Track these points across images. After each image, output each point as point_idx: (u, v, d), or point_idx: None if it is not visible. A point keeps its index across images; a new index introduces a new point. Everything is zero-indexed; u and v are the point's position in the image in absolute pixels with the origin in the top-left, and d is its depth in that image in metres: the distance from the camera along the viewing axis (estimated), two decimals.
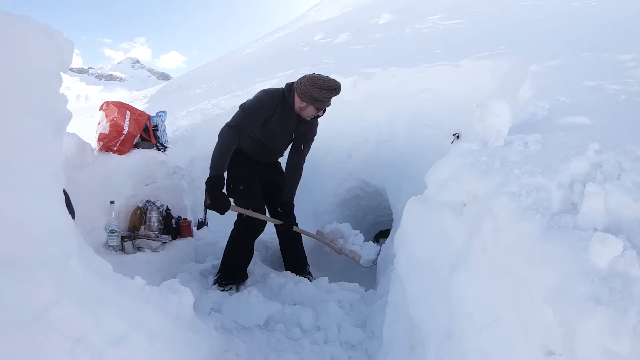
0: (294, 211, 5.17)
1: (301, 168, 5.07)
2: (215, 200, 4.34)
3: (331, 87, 4.38)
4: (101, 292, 2.36)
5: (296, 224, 5.21)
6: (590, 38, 5.92)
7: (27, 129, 2.04)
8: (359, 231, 5.97)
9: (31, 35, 2.18)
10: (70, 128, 2.94)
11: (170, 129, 6.74)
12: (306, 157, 5.08)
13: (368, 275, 5.94)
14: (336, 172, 6.94)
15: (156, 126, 5.66)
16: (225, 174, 4.50)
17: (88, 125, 16.39)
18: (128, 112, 5.17)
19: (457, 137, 5.06)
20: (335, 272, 6.35)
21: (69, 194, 3.21)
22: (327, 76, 4.46)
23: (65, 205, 2.25)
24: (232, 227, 4.87)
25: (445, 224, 2.50)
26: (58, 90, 2.30)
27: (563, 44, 5.72)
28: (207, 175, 4.33)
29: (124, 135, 5.02)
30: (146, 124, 5.44)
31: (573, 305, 1.59)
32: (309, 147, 5.06)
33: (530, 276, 1.81)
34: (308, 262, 5.49)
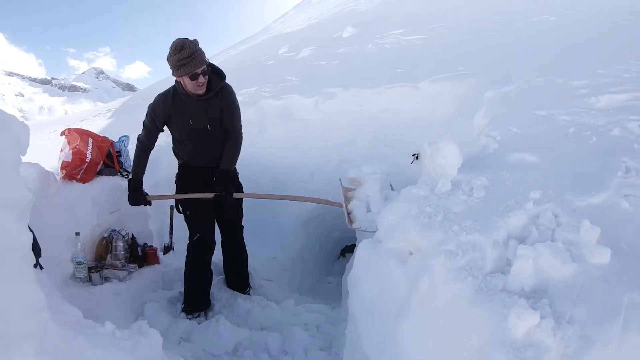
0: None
1: (235, 138, 4.85)
2: (131, 199, 4.85)
3: (177, 49, 4.30)
4: (75, 347, 2.50)
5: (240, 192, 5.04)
6: (546, 57, 6.06)
7: None
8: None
9: None
10: (34, 141, 2.98)
11: (134, 152, 6.73)
12: (240, 129, 4.90)
13: (335, 291, 6.04)
14: (299, 192, 6.96)
15: (119, 152, 5.58)
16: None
17: (51, 140, 16.25)
18: (90, 140, 5.09)
19: (417, 157, 5.19)
20: (301, 286, 6.45)
21: (33, 230, 3.23)
22: (175, 40, 4.38)
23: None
24: None
25: (391, 272, 2.65)
26: (18, 177, 2.38)
27: (520, 65, 5.86)
28: (149, 205, 5.08)
29: (87, 164, 4.96)
30: (109, 150, 5.35)
31: None
32: (236, 119, 4.85)
33: (460, 336, 1.97)
34: (250, 283, 5.54)
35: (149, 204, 5.00)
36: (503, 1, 11.90)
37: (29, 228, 2.59)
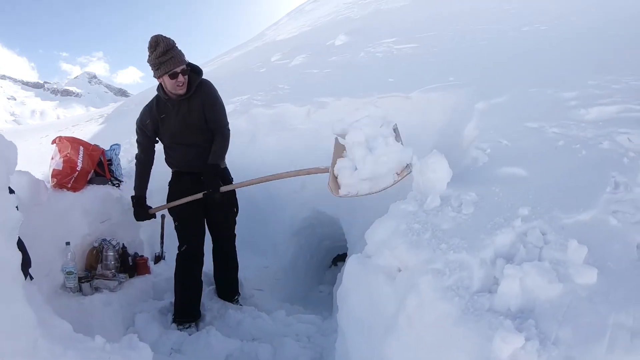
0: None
1: (222, 134, 4.83)
2: (136, 215, 5.10)
3: (153, 45, 4.39)
4: None
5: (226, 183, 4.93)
6: (537, 67, 6.09)
7: None
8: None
9: None
10: (25, 146, 3.00)
11: (125, 160, 6.68)
12: (226, 125, 4.89)
13: (326, 300, 6.04)
14: (291, 202, 7.02)
15: (110, 160, 5.61)
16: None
17: (43, 145, 16.22)
18: (81, 148, 5.09)
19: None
20: (293, 295, 6.45)
21: (23, 240, 3.23)
22: (150, 38, 4.46)
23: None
24: None
25: (380, 288, 2.66)
26: (7, 197, 2.39)
27: (510, 75, 5.89)
28: (154, 218, 5.33)
29: (77, 172, 4.94)
30: (100, 159, 5.36)
31: None
32: (218, 112, 4.82)
33: (447, 355, 2.00)
34: (240, 291, 5.53)
35: (154, 216, 5.19)
36: (495, 10, 11.96)
37: (19, 237, 2.62)
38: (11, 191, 2.76)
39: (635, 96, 4.25)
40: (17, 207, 2.52)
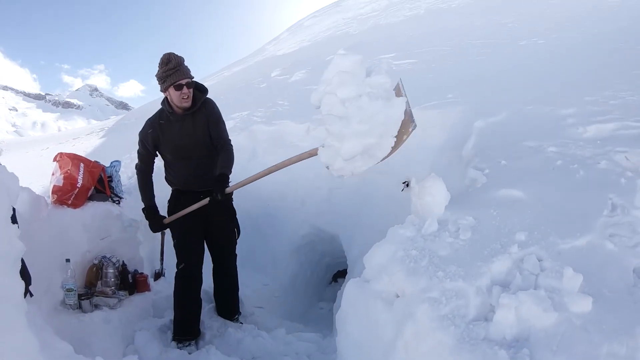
0: None
1: (225, 148, 4.84)
2: (152, 227, 5.10)
3: (164, 61, 4.58)
4: None
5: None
6: (534, 83, 6.12)
7: None
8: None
9: None
10: (26, 158, 3.04)
11: (125, 176, 6.70)
12: (229, 141, 4.93)
13: (327, 316, 6.03)
14: (290, 219, 7.03)
15: (110, 177, 5.61)
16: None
17: (43, 157, 16.29)
18: (82, 165, 5.11)
19: (407, 185, 5.22)
20: (293, 312, 6.44)
21: (23, 256, 3.25)
22: (163, 55, 4.65)
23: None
24: None
25: (378, 314, 2.68)
26: (10, 228, 2.43)
27: (508, 91, 5.92)
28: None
29: (78, 189, 4.95)
30: (100, 175, 5.36)
31: None
32: (222, 130, 4.91)
33: None
34: (242, 310, 5.52)
35: (169, 226, 5.12)
36: (492, 24, 12.03)
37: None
38: (14, 221, 2.79)
39: (633, 112, 4.29)
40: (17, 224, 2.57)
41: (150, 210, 5.01)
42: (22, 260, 3.22)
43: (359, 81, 3.29)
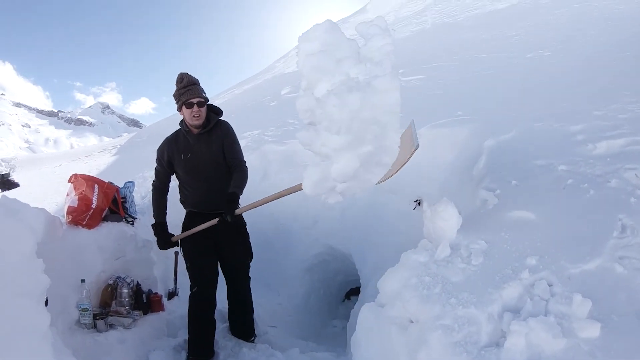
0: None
1: (240, 168, 4.88)
2: (160, 244, 5.07)
3: (178, 80, 4.79)
4: None
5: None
6: (543, 97, 6.15)
7: (17, 307, 2.49)
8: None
9: (7, 230, 2.46)
10: (40, 174, 3.12)
11: (138, 196, 6.75)
12: (244, 162, 4.97)
13: (340, 335, 6.03)
14: (303, 239, 7.05)
15: (124, 198, 5.69)
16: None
17: (56, 174, 16.38)
18: (96, 186, 5.19)
19: (419, 203, 5.24)
20: (306, 331, 6.44)
21: None
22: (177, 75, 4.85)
23: None
24: None
25: (393, 339, 2.71)
26: (35, 263, 2.53)
27: (517, 108, 5.93)
28: (177, 246, 5.25)
29: (92, 209, 5.04)
30: (114, 196, 5.45)
31: None
32: (237, 150, 4.97)
33: None
34: (256, 330, 5.51)
35: (177, 244, 5.16)
36: (498, 38, 12.07)
37: None
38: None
39: None
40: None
41: (159, 226, 5.04)
42: None
43: (332, 65, 2.78)
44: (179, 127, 4.96)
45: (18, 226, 2.54)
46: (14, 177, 16.57)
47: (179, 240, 5.07)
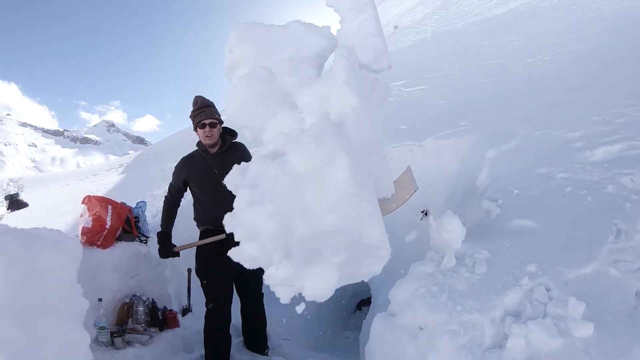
0: None
1: None
2: (161, 252, 5.14)
3: (193, 103, 5.05)
4: None
5: None
6: (543, 104, 6.27)
7: (63, 328, 2.72)
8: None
9: (53, 260, 2.66)
10: (47, 194, 3.31)
11: (150, 214, 6.83)
12: None
13: (352, 345, 6.10)
14: None
15: (137, 217, 5.82)
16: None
17: (64, 193, 16.42)
18: (110, 207, 5.32)
19: (425, 214, 5.35)
20: (319, 342, 6.52)
21: None
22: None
23: None
24: None
25: (404, 346, 2.88)
26: (76, 289, 2.73)
27: (518, 116, 5.99)
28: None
29: (107, 230, 5.16)
30: (127, 216, 5.58)
31: None
32: None
33: None
34: (269, 344, 5.62)
35: (178, 255, 5.23)
36: (497, 44, 12.11)
37: None
38: None
39: (638, 131, 4.45)
40: None
41: (163, 235, 5.13)
42: None
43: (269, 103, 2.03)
44: (197, 146, 5.12)
45: (62, 257, 2.78)
46: (23, 197, 16.58)
47: (195, 257, 5.15)
